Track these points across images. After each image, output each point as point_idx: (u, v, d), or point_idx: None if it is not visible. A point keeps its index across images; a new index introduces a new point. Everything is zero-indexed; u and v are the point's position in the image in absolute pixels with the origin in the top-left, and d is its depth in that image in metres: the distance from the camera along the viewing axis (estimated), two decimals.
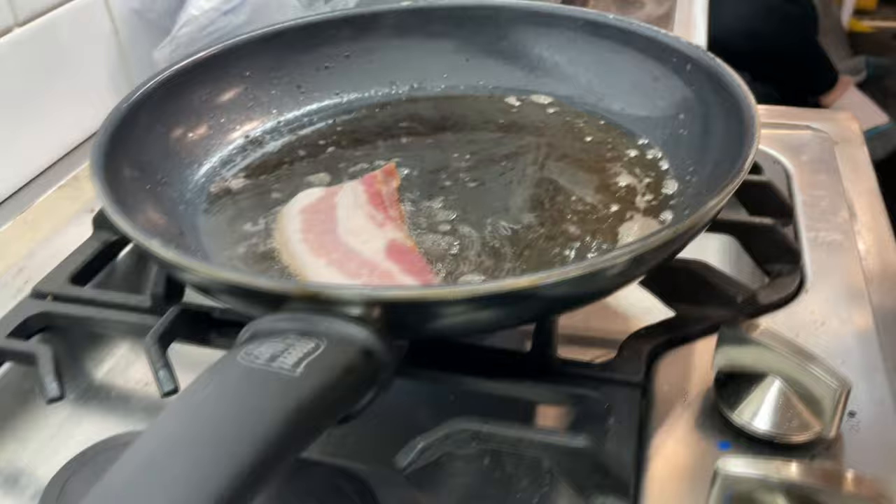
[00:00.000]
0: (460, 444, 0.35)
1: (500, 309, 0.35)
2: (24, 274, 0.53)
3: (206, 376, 0.28)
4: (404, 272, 0.42)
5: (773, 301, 0.45)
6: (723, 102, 0.47)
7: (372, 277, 0.42)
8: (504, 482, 0.40)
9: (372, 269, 0.42)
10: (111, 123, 0.46)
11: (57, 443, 0.46)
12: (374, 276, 0.42)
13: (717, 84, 0.48)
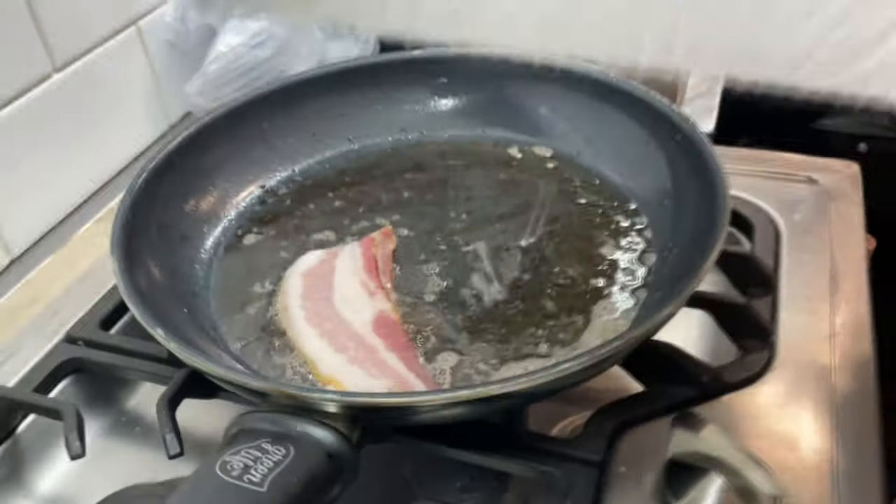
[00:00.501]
0: None
1: (467, 409, 0.38)
2: (59, 317, 0.58)
3: (188, 485, 0.32)
4: (388, 348, 0.46)
5: (738, 380, 0.48)
6: (700, 183, 0.49)
7: (358, 352, 0.46)
8: None
9: (358, 343, 0.46)
10: (130, 196, 0.51)
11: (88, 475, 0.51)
12: (360, 352, 0.46)
13: (698, 161, 0.50)
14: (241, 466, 0.33)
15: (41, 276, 0.64)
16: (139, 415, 0.56)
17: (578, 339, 0.46)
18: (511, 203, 0.58)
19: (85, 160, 0.71)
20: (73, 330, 0.56)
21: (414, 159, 0.64)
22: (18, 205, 0.65)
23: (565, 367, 0.38)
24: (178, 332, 0.44)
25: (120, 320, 0.58)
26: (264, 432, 0.35)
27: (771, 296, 0.53)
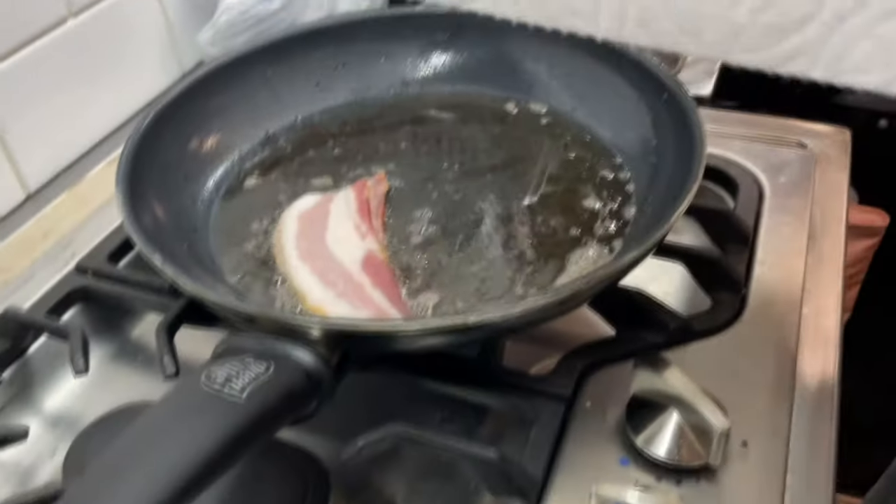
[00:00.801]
0: (396, 445, 0.42)
1: (441, 338, 0.41)
2: (70, 248, 0.61)
3: (172, 395, 0.35)
4: (374, 285, 0.49)
5: (705, 328, 0.50)
6: (682, 141, 0.51)
7: (346, 288, 0.49)
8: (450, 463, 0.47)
9: (347, 280, 0.49)
10: (136, 136, 0.54)
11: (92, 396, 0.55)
12: (348, 287, 0.49)
13: (683, 121, 0.52)
14: (223, 377, 0.36)
15: (55, 212, 0.67)
16: (142, 344, 0.59)
17: (552, 284, 0.49)
18: (503, 156, 0.60)
19: (100, 104, 0.74)
20: (83, 261, 0.59)
21: (413, 112, 0.66)
22: (36, 144, 0.68)
23: (533, 301, 0.40)
24: (178, 263, 0.47)
25: (127, 255, 0.61)
26: (249, 349, 0.38)
27: (747, 252, 0.55)
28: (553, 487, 0.42)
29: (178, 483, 0.31)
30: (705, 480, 0.42)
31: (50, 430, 0.53)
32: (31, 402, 0.54)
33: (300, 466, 0.44)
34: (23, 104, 0.66)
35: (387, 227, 0.54)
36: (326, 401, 0.40)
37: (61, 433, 0.53)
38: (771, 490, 0.41)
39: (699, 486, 0.42)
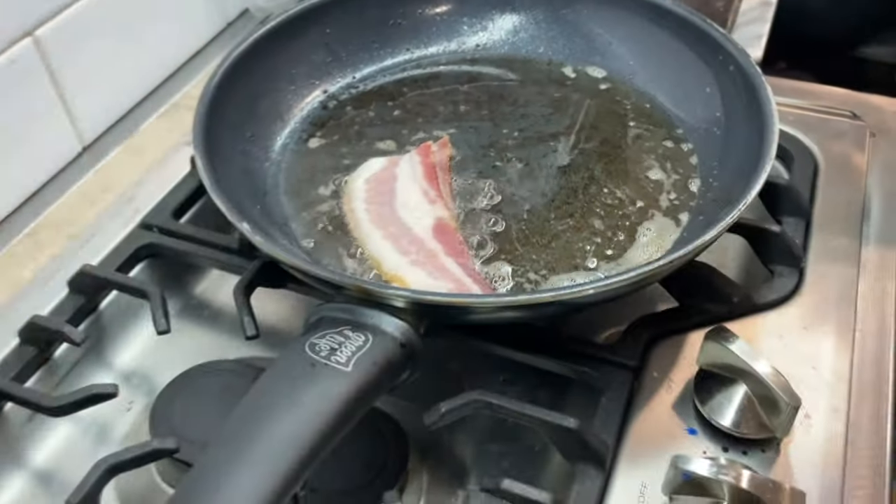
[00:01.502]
0: (476, 411, 0.44)
1: (519, 312, 0.43)
2: (133, 204, 0.62)
3: (280, 361, 0.37)
4: (447, 253, 0.50)
5: (766, 301, 0.52)
6: (751, 116, 0.52)
7: (419, 255, 0.50)
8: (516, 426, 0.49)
9: (419, 248, 0.50)
10: (206, 98, 0.54)
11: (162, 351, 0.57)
12: (421, 255, 0.50)
13: (752, 95, 0.52)
14: (328, 348, 0.37)
15: (111, 165, 0.67)
16: (207, 299, 0.61)
17: (623, 256, 0.50)
18: (564, 122, 0.61)
19: (148, 54, 0.74)
20: (148, 217, 0.60)
21: (470, 73, 0.66)
22: (88, 95, 0.68)
23: (612, 281, 0.41)
24: (258, 226, 0.48)
25: (189, 210, 0.62)
26: (344, 321, 0.40)
27: (804, 225, 0.56)
28: (623, 455, 0.45)
29: (302, 453, 0.32)
30: (771, 451, 0.44)
31: (124, 385, 0.55)
32: (104, 357, 0.56)
33: (381, 428, 0.46)
34: (73, 56, 0.66)
35: (452, 194, 0.55)
36: (417, 369, 0.41)
37: (135, 388, 0.55)
38: (832, 463, 0.43)
39: (765, 456, 0.44)
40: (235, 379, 0.50)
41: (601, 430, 0.44)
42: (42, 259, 0.59)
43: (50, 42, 0.63)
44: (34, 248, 0.60)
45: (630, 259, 0.50)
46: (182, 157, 0.66)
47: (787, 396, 0.42)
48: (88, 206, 0.63)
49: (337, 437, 0.35)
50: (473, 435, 0.50)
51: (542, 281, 0.49)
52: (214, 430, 0.45)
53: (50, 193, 0.65)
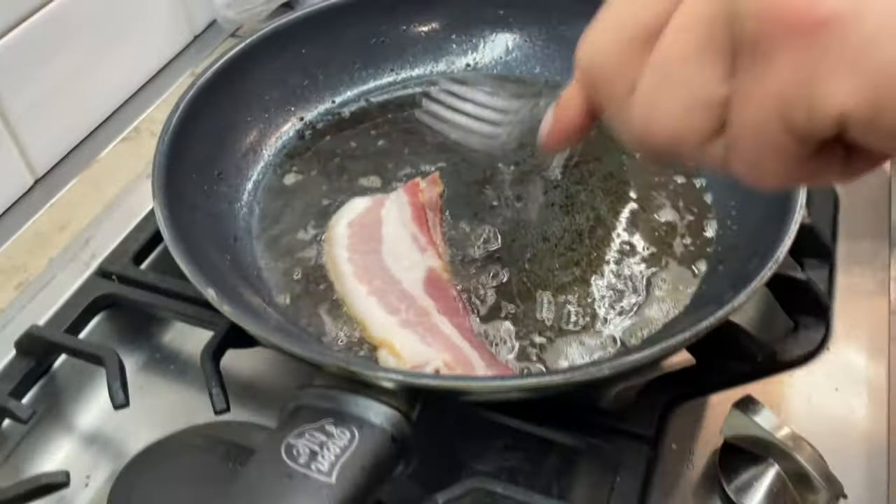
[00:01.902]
0: (477, 502, 0.39)
1: (528, 393, 0.38)
2: (89, 246, 0.56)
3: (254, 471, 0.32)
4: (440, 311, 0.45)
5: (792, 358, 0.47)
6: None
7: (409, 314, 0.45)
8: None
9: (409, 305, 0.45)
10: (167, 134, 0.48)
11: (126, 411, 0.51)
12: (411, 313, 0.45)
13: None
14: (307, 452, 0.32)
15: (67, 200, 0.61)
16: (174, 351, 0.55)
17: (636, 312, 0.45)
18: (563, 153, 0.55)
19: (107, 73, 0.67)
20: (106, 264, 0.54)
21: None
22: (41, 122, 0.62)
23: (631, 359, 0.37)
24: (226, 287, 0.43)
25: (152, 253, 0.56)
26: (325, 411, 0.35)
27: (828, 268, 0.52)
28: None
29: None
30: None
31: (82, 455, 0.49)
32: (59, 423, 0.50)
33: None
34: (25, 77, 0.59)
35: (445, 238, 0.50)
36: (412, 463, 0.36)
37: (94, 458, 0.49)
38: None
39: None
40: (202, 457, 0.44)
41: None
42: None
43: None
44: None
45: (644, 316, 0.45)
46: (143, 190, 0.61)
47: (827, 484, 0.37)
48: (40, 248, 0.57)
49: None
50: None
51: (547, 345, 0.44)
52: None
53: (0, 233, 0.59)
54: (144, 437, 0.50)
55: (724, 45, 0.22)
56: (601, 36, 0.26)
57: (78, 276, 0.54)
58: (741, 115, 0.22)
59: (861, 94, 0.20)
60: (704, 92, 0.23)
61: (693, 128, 0.23)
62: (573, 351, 0.44)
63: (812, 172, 0.23)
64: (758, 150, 0.22)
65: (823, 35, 0.20)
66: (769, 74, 0.21)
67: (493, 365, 0.42)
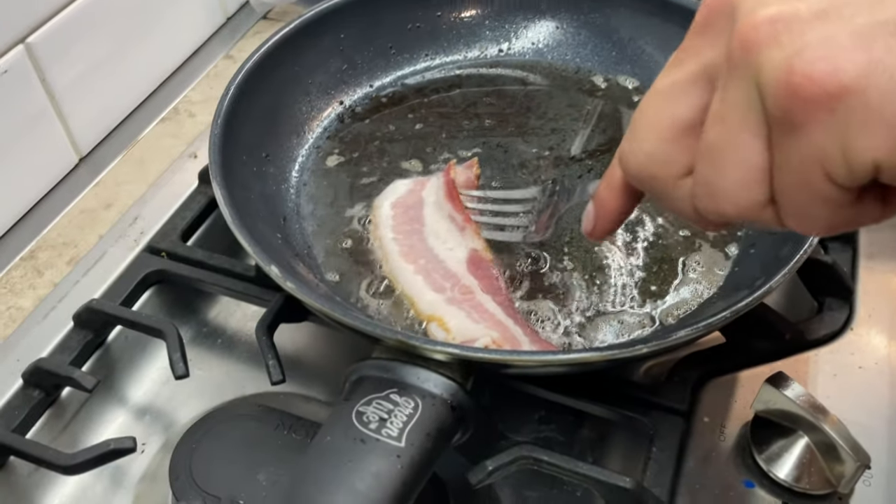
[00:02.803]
0: (523, 468, 0.41)
1: (570, 368, 0.40)
2: (138, 224, 0.58)
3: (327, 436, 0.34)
4: (483, 290, 0.47)
5: (818, 337, 0.49)
6: None
7: (454, 293, 0.47)
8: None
9: (454, 283, 0.47)
10: (219, 119, 0.50)
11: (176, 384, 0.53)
12: (457, 291, 0.47)
13: None
14: (377, 419, 0.34)
15: (111, 179, 0.63)
16: (220, 325, 0.57)
17: (672, 293, 0.47)
18: (598, 139, 0.57)
19: (145, 54, 0.69)
20: (155, 241, 0.56)
21: (494, 81, 0.62)
22: (85, 102, 0.63)
23: (672, 339, 0.39)
24: (281, 260, 0.45)
25: (197, 231, 0.58)
26: (389, 382, 0.37)
27: (851, 252, 0.54)
28: None
29: None
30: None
31: (136, 425, 0.52)
32: (113, 394, 0.53)
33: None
34: (69, 60, 0.61)
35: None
36: (469, 430, 0.38)
37: (147, 427, 0.52)
38: None
39: None
40: (257, 425, 0.46)
41: (654, 485, 0.42)
42: (42, 287, 0.55)
43: (42, 49, 0.58)
44: (33, 273, 0.56)
45: (680, 297, 0.47)
46: (187, 170, 0.62)
47: (854, 454, 0.40)
48: (89, 225, 0.59)
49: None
50: (512, 481, 0.48)
51: (586, 323, 0.46)
52: (239, 485, 0.43)
53: (47, 210, 0.61)
54: (195, 408, 0.53)
55: (760, 123, 0.25)
56: (644, 138, 0.29)
57: (128, 253, 0.56)
58: (787, 178, 0.25)
59: (890, 142, 0.22)
60: (751, 165, 0.25)
61: (751, 198, 0.26)
62: (611, 330, 0.46)
63: (855, 216, 0.25)
64: (806, 204, 0.25)
65: (844, 101, 0.22)
66: (804, 140, 0.24)
67: (536, 341, 0.44)
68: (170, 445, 0.48)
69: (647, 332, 0.46)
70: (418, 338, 0.39)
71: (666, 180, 0.29)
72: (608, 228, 0.35)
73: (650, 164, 0.29)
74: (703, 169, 0.27)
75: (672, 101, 0.28)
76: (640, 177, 0.30)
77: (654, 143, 0.28)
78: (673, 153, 0.28)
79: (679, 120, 0.27)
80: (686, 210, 0.29)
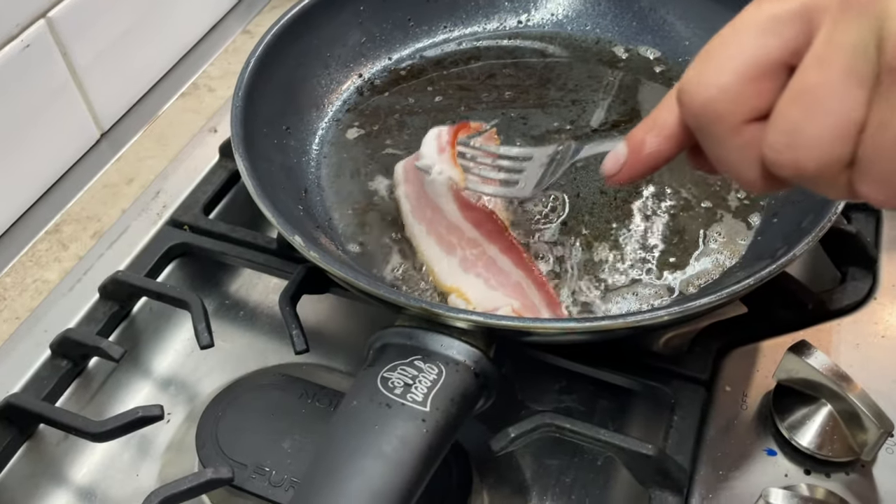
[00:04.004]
0: (545, 435, 0.41)
1: (589, 336, 0.40)
2: (160, 198, 0.59)
3: (353, 400, 0.34)
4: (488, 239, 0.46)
5: (841, 307, 0.49)
6: None
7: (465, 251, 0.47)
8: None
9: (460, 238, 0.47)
10: (240, 92, 0.50)
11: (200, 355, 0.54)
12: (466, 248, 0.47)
13: None
14: (402, 384, 0.35)
15: (133, 154, 0.64)
16: (242, 298, 0.58)
17: (692, 263, 0.47)
18: (619, 110, 0.57)
19: (164, 29, 0.69)
20: (178, 214, 0.56)
21: (513, 53, 0.62)
22: (106, 77, 0.64)
23: (690, 305, 0.39)
24: (302, 230, 0.45)
25: (219, 204, 0.59)
26: (412, 349, 0.37)
27: (875, 221, 0.53)
28: (699, 478, 0.42)
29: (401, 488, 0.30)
30: (855, 474, 0.42)
31: (161, 394, 0.52)
32: (139, 365, 0.53)
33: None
34: (90, 35, 0.61)
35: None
36: (492, 397, 0.39)
37: (173, 397, 0.52)
38: None
39: (849, 479, 0.42)
40: (281, 394, 0.47)
41: (676, 453, 0.42)
42: (67, 260, 0.56)
43: (63, 23, 0.59)
44: (58, 246, 0.57)
45: (701, 267, 0.47)
46: (207, 144, 0.63)
47: (878, 421, 0.40)
48: (112, 199, 0.60)
49: (421, 486, 0.32)
50: (533, 449, 0.48)
51: (605, 294, 0.46)
52: (264, 452, 0.43)
53: (71, 185, 0.61)
54: (218, 379, 0.53)
55: (868, 72, 0.23)
56: (719, 70, 0.26)
57: (151, 226, 0.56)
58: (883, 139, 0.23)
59: None
60: (848, 118, 0.23)
61: (835, 153, 0.24)
62: (632, 299, 0.46)
63: None
64: (893, 170, 0.23)
65: None
66: None
67: (553, 304, 0.44)
68: (194, 415, 0.49)
69: (667, 301, 0.46)
70: (441, 306, 0.39)
71: (731, 122, 0.26)
72: (638, 173, 0.32)
73: (720, 100, 0.26)
74: (791, 113, 0.24)
75: (762, 36, 0.25)
76: (703, 114, 0.27)
77: (730, 77, 0.26)
78: (748, 93, 0.26)
79: (765, 57, 0.25)
80: (738, 161, 0.26)
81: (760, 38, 0.25)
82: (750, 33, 0.26)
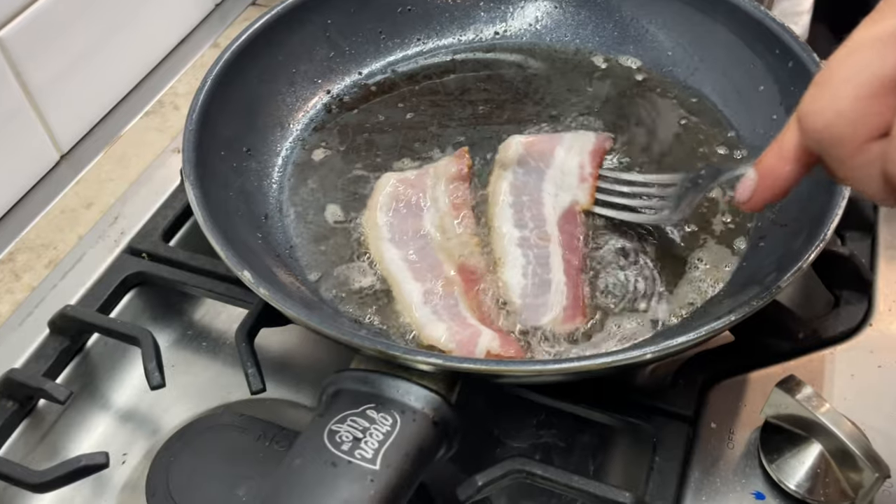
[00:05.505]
0: (516, 482, 0.39)
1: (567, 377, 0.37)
2: (118, 224, 0.56)
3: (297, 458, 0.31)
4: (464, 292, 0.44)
5: (834, 335, 0.46)
6: None
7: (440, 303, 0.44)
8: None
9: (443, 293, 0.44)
10: (195, 111, 0.47)
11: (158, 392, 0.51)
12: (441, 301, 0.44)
13: None
14: (350, 439, 0.32)
15: (94, 176, 0.61)
16: (205, 328, 0.55)
17: (673, 292, 0.44)
18: (599, 125, 0.54)
19: (128, 45, 0.66)
20: (136, 241, 0.54)
21: (489, 66, 0.59)
22: (64, 98, 0.61)
23: (673, 343, 0.36)
24: (257, 262, 0.42)
25: (180, 230, 0.56)
26: (366, 395, 0.34)
27: (870, 241, 0.50)
28: None
29: None
30: None
31: (120, 428, 0.50)
32: (94, 401, 0.51)
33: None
34: (45, 54, 0.58)
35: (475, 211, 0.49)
36: (454, 446, 0.36)
37: (129, 435, 0.50)
38: None
39: None
40: (238, 436, 0.44)
41: (657, 498, 0.39)
42: (19, 291, 0.53)
43: (15, 43, 0.56)
44: (11, 276, 0.54)
45: (683, 296, 0.44)
46: (169, 165, 0.60)
47: (872, 465, 0.37)
48: (69, 225, 0.57)
49: None
50: (508, 491, 0.45)
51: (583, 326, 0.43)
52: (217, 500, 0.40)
53: (27, 210, 0.58)
54: (179, 414, 0.50)
55: None
56: (837, 95, 0.26)
57: (108, 254, 0.54)
58: None
59: None
60: None
61: None
62: (612, 331, 0.43)
63: None
64: None
65: None
66: None
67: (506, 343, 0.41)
68: (153, 454, 0.46)
69: (649, 333, 0.43)
70: (398, 347, 0.36)
71: (853, 143, 0.26)
72: (769, 197, 0.33)
73: (840, 123, 0.26)
74: None
75: (877, 55, 0.25)
76: (825, 139, 0.27)
77: (848, 100, 0.26)
78: (868, 112, 0.26)
79: (883, 75, 0.25)
80: (862, 178, 0.27)
81: (876, 57, 0.26)
82: (865, 51, 0.26)
